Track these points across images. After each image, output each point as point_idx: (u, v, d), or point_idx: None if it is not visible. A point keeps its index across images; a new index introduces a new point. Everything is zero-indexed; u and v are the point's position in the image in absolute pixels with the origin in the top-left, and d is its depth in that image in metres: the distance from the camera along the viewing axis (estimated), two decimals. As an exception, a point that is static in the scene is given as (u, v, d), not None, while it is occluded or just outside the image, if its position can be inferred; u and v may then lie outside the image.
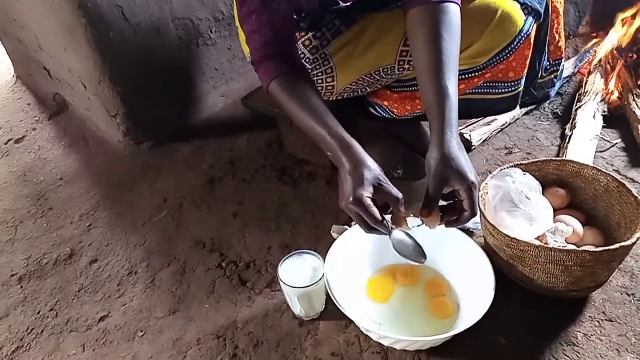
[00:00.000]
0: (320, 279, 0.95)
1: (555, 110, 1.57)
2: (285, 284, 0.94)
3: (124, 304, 1.11)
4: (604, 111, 1.50)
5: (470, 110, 1.23)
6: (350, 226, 1.14)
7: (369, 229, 0.84)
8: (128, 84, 1.45)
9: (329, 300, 0.99)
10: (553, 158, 1.12)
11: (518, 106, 1.24)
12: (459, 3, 0.98)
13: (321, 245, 1.14)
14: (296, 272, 0.97)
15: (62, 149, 1.65)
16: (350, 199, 0.82)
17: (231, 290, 1.10)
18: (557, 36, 1.22)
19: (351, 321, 0.96)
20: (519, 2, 1.06)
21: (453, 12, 0.96)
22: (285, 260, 0.99)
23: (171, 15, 1.45)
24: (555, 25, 1.21)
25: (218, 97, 1.69)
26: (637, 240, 0.88)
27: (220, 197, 1.38)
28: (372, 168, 0.86)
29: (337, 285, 0.94)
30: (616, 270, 1.01)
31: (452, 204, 0.87)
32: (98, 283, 1.18)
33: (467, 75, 1.15)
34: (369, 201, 0.82)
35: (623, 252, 0.91)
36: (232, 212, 1.32)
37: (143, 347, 1.01)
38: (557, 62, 1.25)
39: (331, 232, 1.18)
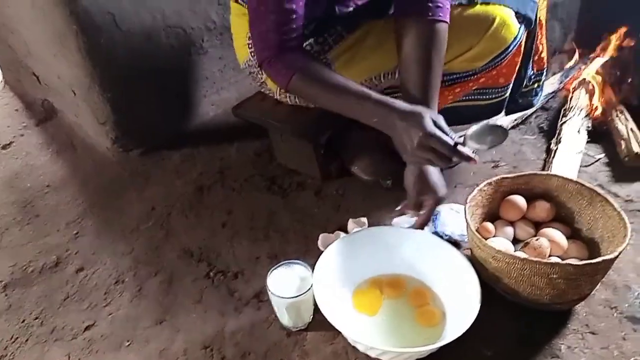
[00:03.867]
0: (309, 289, 0.95)
1: (541, 125, 1.59)
2: (274, 294, 0.95)
3: (111, 313, 1.10)
4: (589, 127, 1.52)
5: (459, 117, 1.28)
6: (336, 237, 1.16)
7: (446, 160, 0.91)
8: (118, 91, 1.45)
9: (317, 310, 1.00)
10: (539, 172, 1.14)
11: (503, 112, 1.30)
12: (448, 21, 1.02)
13: (310, 256, 1.14)
14: (285, 282, 0.97)
15: (50, 156, 1.64)
16: (421, 135, 0.88)
17: (219, 300, 1.10)
18: (540, 47, 1.28)
19: (339, 332, 0.97)
20: (512, 10, 1.11)
21: (443, 33, 1.02)
22: (274, 270, 0.99)
23: (163, 24, 1.45)
24: (539, 37, 1.26)
25: (209, 106, 1.70)
26: (620, 254, 0.90)
27: (209, 206, 1.38)
28: (427, 110, 0.93)
29: (325, 296, 0.95)
30: (600, 284, 1.03)
31: None
32: (84, 292, 1.17)
33: (464, 79, 1.21)
34: (439, 132, 0.88)
35: (606, 266, 0.93)
36: (221, 222, 1.32)
37: (129, 356, 1.01)
38: (540, 72, 1.31)
39: (318, 243, 1.19)
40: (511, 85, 1.24)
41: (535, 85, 1.33)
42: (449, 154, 0.89)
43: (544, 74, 1.34)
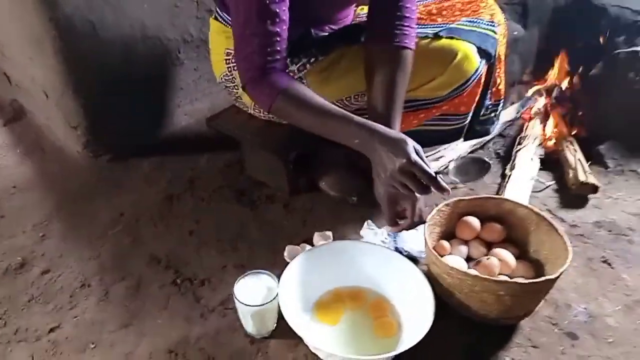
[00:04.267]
0: (274, 298, 1.00)
1: (498, 151, 1.69)
2: (240, 302, 0.99)
3: (76, 316, 1.12)
4: (541, 155, 1.63)
5: (424, 139, 1.35)
6: (302, 249, 1.21)
7: (423, 189, 0.95)
8: (92, 97, 1.47)
9: (280, 319, 1.04)
10: (493, 196, 1.23)
11: (463, 138, 1.40)
12: (413, 48, 1.11)
13: (276, 267, 1.18)
14: (251, 291, 1.02)
15: (17, 157, 1.63)
16: (404, 161, 0.92)
17: (185, 307, 1.13)
18: (499, 80, 1.38)
19: (300, 340, 1.01)
20: (475, 45, 1.20)
21: (408, 59, 1.10)
22: (241, 279, 1.03)
23: (141, 34, 1.49)
24: (498, 70, 1.36)
25: (182, 116, 1.73)
26: (561, 274, 0.99)
27: (178, 215, 1.41)
28: (409, 138, 0.96)
29: (290, 305, 1.00)
30: (543, 302, 1.12)
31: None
32: (49, 294, 1.17)
33: (427, 106, 1.29)
34: (421, 160, 0.92)
35: (548, 285, 1.02)
36: (189, 230, 1.35)
37: (94, 359, 1.02)
38: (497, 102, 1.42)
39: (285, 254, 1.23)
40: (471, 113, 1.34)
41: (493, 114, 1.44)
42: (428, 182, 0.94)
43: (501, 104, 1.45)
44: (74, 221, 1.38)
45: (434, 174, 0.94)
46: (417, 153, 0.95)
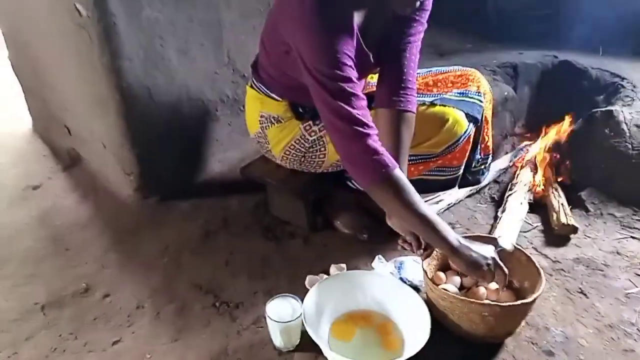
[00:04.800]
0: (299, 317, 1.22)
1: (492, 196, 1.92)
2: (271, 319, 1.21)
3: (134, 332, 1.35)
4: (530, 199, 1.86)
5: (424, 187, 1.61)
6: (320, 278, 1.43)
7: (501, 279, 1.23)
8: (145, 149, 1.74)
9: (302, 337, 1.26)
10: (482, 234, 1.45)
11: (457, 186, 1.66)
12: (415, 111, 1.36)
13: (298, 293, 1.39)
14: (279, 310, 1.24)
15: (76, 198, 1.90)
16: (492, 262, 1.21)
17: (223, 325, 1.36)
18: (486, 138, 1.63)
19: (320, 353, 1.23)
20: (463, 112, 1.46)
21: (411, 119, 1.35)
22: (271, 301, 1.26)
23: (187, 96, 1.77)
24: (486, 130, 1.61)
25: (216, 164, 1.99)
26: (535, 299, 1.20)
27: (214, 248, 1.65)
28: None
29: (311, 323, 1.22)
30: (525, 324, 1.32)
31: None
32: (110, 314, 1.41)
33: (425, 160, 1.54)
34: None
35: (525, 308, 1.22)
36: (224, 261, 1.59)
37: (151, 366, 1.25)
38: (486, 156, 1.67)
39: (306, 283, 1.46)
40: (463, 166, 1.59)
41: (482, 166, 1.68)
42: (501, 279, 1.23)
43: (490, 158, 1.70)
44: (128, 253, 1.63)
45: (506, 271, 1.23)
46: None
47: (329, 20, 1.12)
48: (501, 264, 1.22)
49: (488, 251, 1.23)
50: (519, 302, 1.19)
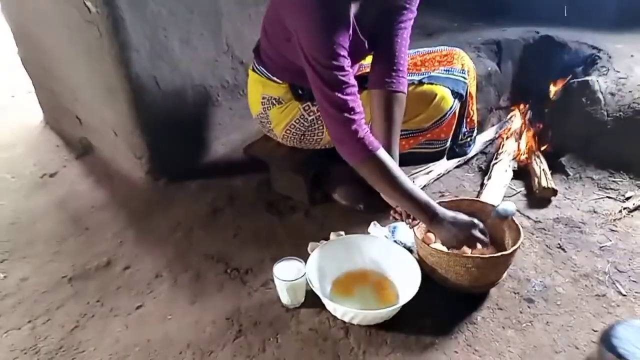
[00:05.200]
0: (303, 275, 1.36)
1: (480, 166, 2.05)
2: (278, 278, 1.35)
3: (155, 297, 1.49)
4: (515, 167, 1.99)
5: (415, 158, 1.75)
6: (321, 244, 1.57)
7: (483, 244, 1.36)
8: (153, 134, 1.86)
9: (307, 295, 1.40)
10: (466, 197, 1.59)
11: (445, 158, 1.79)
12: (405, 92, 1.49)
13: (302, 258, 1.54)
14: (285, 271, 1.38)
15: (91, 183, 2.04)
16: (475, 232, 1.34)
17: (235, 288, 1.50)
18: (471, 112, 1.76)
19: (323, 308, 1.37)
20: (449, 89, 1.59)
21: (402, 99, 1.48)
22: (278, 263, 1.40)
23: (190, 83, 1.90)
24: (471, 105, 1.74)
25: (219, 146, 2.12)
26: (513, 252, 1.34)
27: (222, 224, 1.78)
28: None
29: (314, 280, 1.36)
30: (508, 277, 1.47)
31: None
32: (132, 283, 1.55)
33: (415, 134, 1.68)
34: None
35: (505, 259, 1.36)
36: (233, 234, 1.72)
37: (172, 326, 1.39)
38: (472, 129, 1.80)
39: (308, 248, 1.60)
40: (450, 138, 1.72)
41: (469, 139, 1.82)
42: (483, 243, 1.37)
43: (475, 131, 1.83)
44: (143, 230, 1.76)
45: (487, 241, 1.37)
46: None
47: (328, 13, 1.24)
48: (480, 236, 1.35)
49: (466, 225, 1.35)
50: (498, 254, 1.33)
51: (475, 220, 1.37)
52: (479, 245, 1.36)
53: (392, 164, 1.34)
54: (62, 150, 2.27)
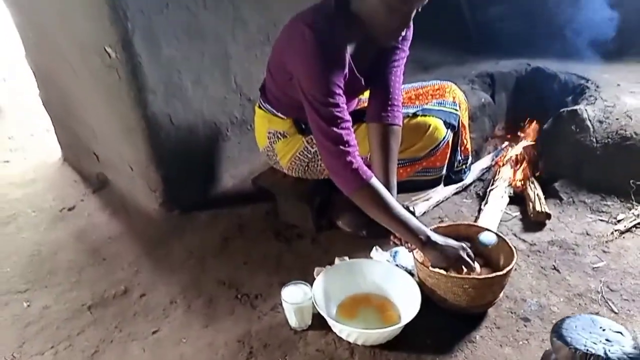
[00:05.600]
0: (310, 298, 1.45)
1: (477, 192, 2.15)
2: (286, 301, 1.44)
3: (170, 322, 1.57)
4: (511, 193, 2.08)
5: (414, 186, 1.85)
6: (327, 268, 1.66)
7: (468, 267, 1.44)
8: (167, 168, 1.98)
9: (314, 318, 1.49)
10: (462, 222, 1.68)
11: (442, 184, 1.87)
12: (401, 124, 1.60)
13: (309, 282, 1.63)
14: (293, 294, 1.47)
15: (108, 216, 2.15)
16: (463, 254, 1.43)
17: (246, 312, 1.58)
18: (465, 141, 1.87)
19: (329, 330, 1.45)
20: (442, 120, 1.70)
21: (398, 132, 1.60)
22: (286, 287, 1.49)
23: (202, 120, 2.03)
24: (464, 134, 1.85)
25: (229, 178, 2.24)
26: (508, 272, 1.42)
27: (233, 251, 1.88)
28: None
29: (320, 303, 1.44)
30: (505, 297, 1.54)
31: None
32: (148, 309, 1.64)
33: (412, 162, 1.79)
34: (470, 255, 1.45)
35: (500, 280, 1.44)
36: (243, 261, 1.82)
37: (187, 349, 1.47)
38: (466, 157, 1.91)
39: (314, 273, 1.68)
40: (445, 166, 1.83)
41: (464, 166, 1.93)
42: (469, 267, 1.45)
43: (470, 158, 1.94)
44: (158, 258, 1.86)
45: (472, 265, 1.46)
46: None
47: (325, 57, 1.37)
48: (467, 260, 1.45)
49: (454, 249, 1.45)
50: (493, 274, 1.42)
51: (464, 245, 1.46)
52: (466, 268, 1.45)
53: (384, 192, 1.44)
54: (79, 185, 2.40)
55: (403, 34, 1.42)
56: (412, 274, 1.62)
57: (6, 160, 2.79)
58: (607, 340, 1.09)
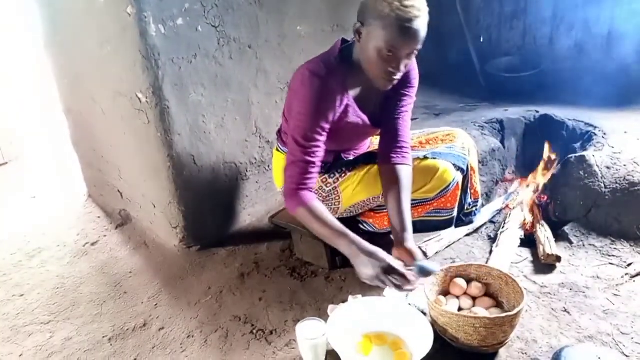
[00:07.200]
0: (324, 335, 1.49)
1: (489, 234, 2.20)
2: (301, 337, 1.48)
3: (187, 356, 1.62)
4: (521, 236, 2.13)
5: (425, 226, 1.90)
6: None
7: (399, 288, 1.41)
8: (189, 206, 2.07)
9: (327, 353, 1.52)
10: (474, 263, 1.72)
11: (454, 226, 1.93)
12: (410, 165, 1.68)
13: (323, 319, 1.68)
14: (308, 330, 1.51)
15: (129, 251, 2.23)
16: (383, 267, 1.41)
17: (261, 348, 1.62)
18: (475, 185, 1.93)
19: (343, 367, 1.49)
20: (451, 163, 1.78)
21: (409, 172, 1.67)
22: (301, 323, 1.53)
23: (223, 161, 2.13)
24: (473, 177, 1.92)
25: (246, 216, 2.32)
26: (518, 313, 1.45)
27: (249, 287, 1.94)
28: (385, 253, 1.48)
29: (335, 339, 1.48)
30: (516, 338, 1.57)
31: None
32: (166, 343, 1.69)
33: (422, 203, 1.85)
34: (401, 268, 1.43)
35: (510, 319, 1.47)
36: (259, 297, 1.87)
37: (204, 381, 1.51)
38: (475, 200, 1.96)
39: (328, 311, 1.73)
40: (456, 208, 1.88)
41: (474, 208, 1.98)
42: (398, 287, 1.42)
43: (479, 201, 2.00)
44: (177, 294, 1.92)
45: (409, 279, 1.43)
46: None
47: (317, 100, 1.50)
48: (385, 278, 1.41)
49: (376, 265, 1.42)
50: (504, 314, 1.45)
51: (392, 264, 1.42)
52: (389, 283, 1.42)
53: (322, 211, 1.53)
54: (103, 221, 2.49)
55: (397, 78, 1.51)
56: (424, 313, 1.66)
57: (33, 196, 2.91)
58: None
